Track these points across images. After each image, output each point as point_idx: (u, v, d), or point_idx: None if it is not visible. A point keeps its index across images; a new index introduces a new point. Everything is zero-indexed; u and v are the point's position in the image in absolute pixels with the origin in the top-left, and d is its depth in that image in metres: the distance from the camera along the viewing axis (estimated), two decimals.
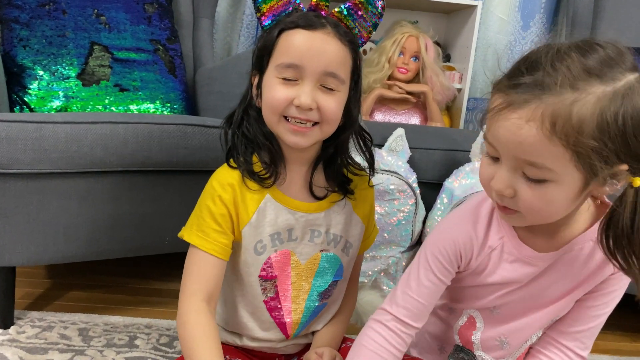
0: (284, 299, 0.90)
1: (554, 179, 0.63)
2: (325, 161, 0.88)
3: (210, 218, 0.82)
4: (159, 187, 1.24)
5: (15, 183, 1.09)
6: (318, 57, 0.77)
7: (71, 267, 1.58)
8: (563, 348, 0.82)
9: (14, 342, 1.14)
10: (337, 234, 0.90)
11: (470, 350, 0.88)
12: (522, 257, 0.77)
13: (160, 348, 1.18)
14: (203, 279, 0.81)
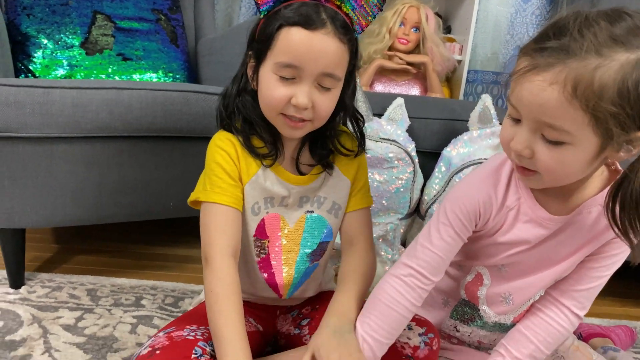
0: (275, 260, 0.94)
1: (571, 141, 0.65)
2: (312, 139, 0.91)
3: (224, 173, 0.85)
4: (163, 153, 1.27)
5: (24, 147, 1.12)
6: (317, 59, 0.78)
7: (78, 232, 1.62)
8: (561, 306, 0.86)
9: (26, 301, 1.19)
10: (323, 196, 0.94)
11: (475, 304, 0.92)
12: (536, 218, 0.80)
13: (165, 308, 1.22)
14: (229, 235, 0.83)
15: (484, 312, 0.91)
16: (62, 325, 1.10)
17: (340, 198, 0.95)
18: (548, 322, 0.86)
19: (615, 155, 0.67)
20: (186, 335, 0.82)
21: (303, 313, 1.02)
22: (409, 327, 0.90)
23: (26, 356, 0.99)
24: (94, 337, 1.07)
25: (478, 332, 0.94)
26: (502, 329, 0.92)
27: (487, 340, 0.95)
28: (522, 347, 0.85)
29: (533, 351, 0.85)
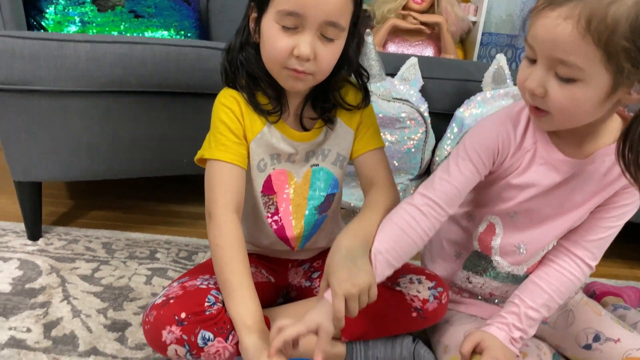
0: (284, 214, 0.95)
1: (583, 78, 0.66)
2: (315, 94, 0.91)
3: (229, 131, 0.86)
4: (177, 110, 1.27)
5: (39, 101, 1.13)
6: (320, 5, 0.77)
7: (93, 189, 1.65)
8: (574, 257, 0.88)
9: (43, 252, 1.22)
10: (327, 149, 0.94)
11: (488, 255, 0.93)
12: (551, 160, 0.82)
13: (179, 261, 1.25)
14: (233, 191, 0.85)
15: (497, 263, 0.93)
16: (80, 275, 1.13)
17: (344, 149, 0.95)
18: (561, 272, 0.87)
19: (627, 97, 0.68)
20: (199, 285, 0.84)
21: (314, 266, 1.04)
22: (418, 280, 0.91)
23: (46, 303, 1.02)
24: (110, 287, 1.10)
25: (490, 283, 0.95)
26: (514, 280, 0.94)
27: (499, 292, 0.96)
28: (537, 297, 0.86)
29: (547, 301, 0.86)
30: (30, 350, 0.89)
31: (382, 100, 1.41)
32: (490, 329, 0.86)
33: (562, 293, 0.87)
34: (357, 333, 0.92)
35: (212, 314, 0.80)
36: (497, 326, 0.86)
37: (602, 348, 0.90)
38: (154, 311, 0.79)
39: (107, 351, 0.91)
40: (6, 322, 0.95)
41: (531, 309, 0.86)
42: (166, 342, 0.77)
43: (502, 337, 0.84)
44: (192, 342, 0.78)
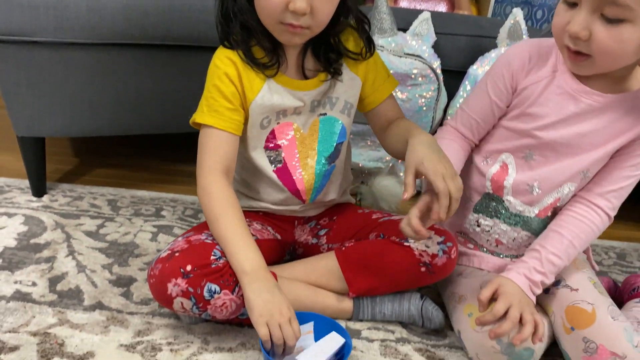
0: (293, 167, 0.93)
1: (632, 18, 0.68)
2: (315, 44, 0.88)
3: (221, 97, 0.84)
4: (181, 64, 1.24)
5: (40, 52, 1.10)
6: None
7: (97, 146, 1.63)
8: (593, 206, 0.87)
9: (48, 209, 1.20)
10: (335, 96, 0.92)
11: (500, 196, 0.92)
12: (568, 89, 0.83)
13: (185, 219, 1.24)
14: (221, 155, 0.84)
15: (509, 203, 0.92)
16: (84, 231, 1.12)
17: (352, 96, 0.93)
18: (580, 220, 0.87)
19: None
20: (205, 239, 0.83)
21: (321, 224, 1.02)
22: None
23: (51, 258, 1.01)
24: (116, 243, 1.09)
25: (499, 225, 0.94)
26: (524, 224, 0.93)
27: (506, 239, 0.95)
28: (557, 243, 0.86)
29: (567, 247, 0.86)
30: (36, 303, 0.88)
31: (393, 55, 1.36)
32: (509, 274, 0.84)
33: (581, 240, 0.86)
34: (364, 288, 0.91)
35: (218, 267, 0.78)
36: (517, 271, 0.84)
37: (556, 292, 0.87)
38: (160, 264, 0.78)
39: (113, 306, 0.90)
40: (11, 276, 0.95)
41: (552, 254, 0.85)
42: (172, 295, 0.76)
43: (522, 283, 0.83)
44: (198, 294, 0.76)
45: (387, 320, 0.94)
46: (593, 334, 0.78)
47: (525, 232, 0.93)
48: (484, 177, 0.94)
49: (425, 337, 0.92)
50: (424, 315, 0.92)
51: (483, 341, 0.81)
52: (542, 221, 0.92)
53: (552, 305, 0.87)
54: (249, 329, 0.88)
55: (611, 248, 1.35)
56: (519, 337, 0.77)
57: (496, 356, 0.81)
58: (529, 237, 0.94)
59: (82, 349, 0.79)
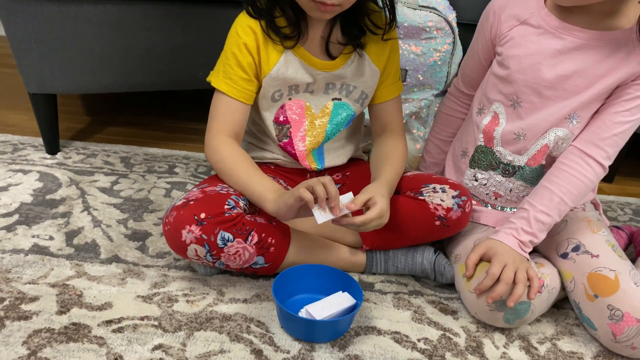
0: (298, 145, 0.94)
1: None
2: (343, 18, 0.86)
3: (237, 66, 0.85)
4: (190, 19, 1.21)
5: (47, 7, 1.08)
6: None
7: (109, 105, 1.62)
8: (585, 157, 0.85)
9: (62, 165, 1.21)
10: (353, 85, 0.92)
11: (491, 147, 0.93)
12: (548, 28, 0.84)
13: (198, 175, 1.24)
14: (230, 121, 0.86)
15: (499, 153, 0.93)
16: (99, 187, 1.13)
17: (369, 87, 0.93)
18: (571, 174, 0.85)
19: None
20: (219, 190, 0.83)
21: (334, 179, 1.02)
22: (442, 189, 0.89)
23: (66, 213, 1.03)
24: (130, 199, 1.10)
25: (494, 177, 0.95)
26: (516, 174, 0.93)
27: (503, 190, 0.95)
28: (546, 200, 0.85)
29: (557, 203, 0.85)
30: (54, 256, 0.90)
31: (407, 8, 1.33)
32: (498, 235, 0.85)
33: (573, 195, 0.85)
34: (378, 242, 0.91)
35: (232, 216, 0.79)
36: (505, 232, 0.85)
37: (576, 258, 0.86)
38: (174, 212, 0.79)
39: (129, 259, 0.91)
40: (29, 230, 0.96)
41: (541, 213, 0.84)
42: (186, 242, 0.77)
43: (511, 242, 0.83)
44: (212, 242, 0.77)
45: (400, 274, 0.94)
46: (618, 301, 0.78)
47: (519, 182, 0.93)
48: (478, 129, 0.94)
49: (438, 290, 0.92)
50: (436, 270, 0.92)
51: (478, 301, 0.82)
52: (534, 170, 0.92)
53: (573, 271, 0.86)
54: (264, 280, 0.89)
55: (627, 204, 1.34)
56: (512, 298, 0.78)
57: (492, 313, 0.82)
58: (525, 186, 0.94)
59: (100, 300, 0.80)
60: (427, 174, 0.96)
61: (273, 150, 0.97)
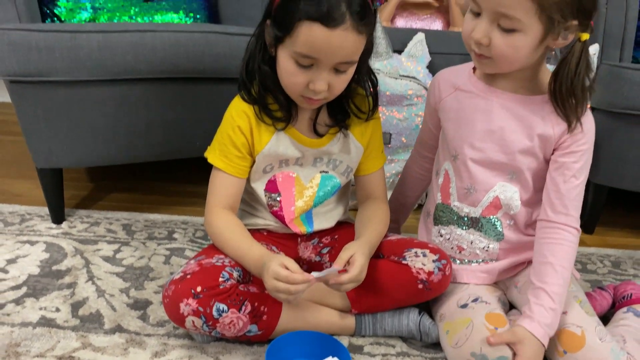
0: (287, 213, 1.02)
1: (522, 29, 0.81)
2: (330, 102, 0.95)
3: (232, 146, 0.94)
4: (188, 94, 1.31)
5: (56, 91, 1.18)
6: (335, 53, 0.83)
7: (111, 172, 1.70)
8: (560, 226, 0.92)
9: (67, 235, 1.28)
10: (339, 160, 1.01)
11: (448, 204, 1.03)
12: (477, 92, 0.96)
13: (196, 240, 1.30)
14: (226, 195, 0.96)
15: (457, 208, 1.01)
16: (102, 256, 1.20)
17: (354, 162, 1.03)
18: (559, 243, 0.91)
19: (555, 42, 0.84)
20: (215, 262, 0.90)
21: (323, 242, 1.09)
22: (423, 254, 0.96)
23: (72, 284, 1.09)
24: (132, 267, 1.16)
25: (455, 231, 1.02)
26: (474, 226, 1.01)
27: (465, 243, 1.02)
28: (552, 273, 0.89)
29: (561, 272, 0.89)
30: (60, 328, 0.95)
31: (389, 78, 1.43)
32: (531, 324, 0.86)
33: (568, 261, 0.91)
34: (366, 305, 0.97)
35: (226, 288, 0.86)
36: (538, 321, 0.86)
37: None
38: (173, 286, 0.85)
39: (131, 328, 0.97)
40: (37, 303, 1.02)
41: (554, 285, 0.88)
42: (184, 314, 0.84)
43: (541, 336, 0.85)
44: (208, 313, 0.84)
45: (388, 335, 1.00)
46: (584, 356, 0.84)
47: (478, 233, 1.00)
48: (437, 190, 1.04)
49: (424, 350, 0.97)
50: (421, 330, 0.97)
51: (461, 356, 0.87)
52: (489, 220, 0.99)
53: None
54: (258, 346, 0.94)
55: (606, 256, 1.40)
56: None
57: None
58: (483, 238, 1.00)
59: None
60: (409, 239, 1.03)
61: (265, 216, 1.04)
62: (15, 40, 1.11)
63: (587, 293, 1.08)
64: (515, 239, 1.00)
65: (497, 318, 0.90)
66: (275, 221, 1.03)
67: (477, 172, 0.97)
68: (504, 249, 1.01)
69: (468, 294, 0.98)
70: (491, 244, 1.00)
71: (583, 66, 0.84)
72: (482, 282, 1.02)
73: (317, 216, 1.06)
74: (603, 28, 1.43)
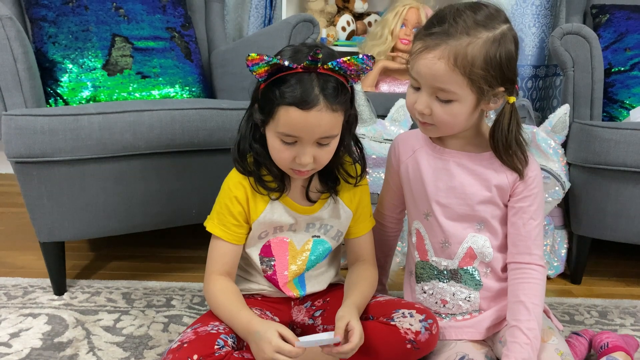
0: (280, 277, 1.08)
1: (457, 99, 0.91)
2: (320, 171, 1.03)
3: (230, 215, 1.01)
4: (184, 166, 1.38)
5: (59, 169, 1.25)
6: (313, 131, 0.92)
7: (111, 241, 1.76)
8: (526, 265, 1.01)
9: (69, 306, 1.32)
10: (330, 225, 1.08)
11: (427, 260, 1.08)
12: (433, 153, 1.04)
13: (194, 307, 1.34)
14: (224, 262, 1.02)
15: (435, 262, 1.07)
16: (103, 326, 1.23)
17: (343, 226, 1.09)
18: (526, 282, 1.00)
19: (487, 105, 0.94)
20: (210, 330, 0.94)
21: (316, 305, 1.13)
22: (410, 314, 1.00)
23: (73, 356, 1.12)
24: (131, 337, 1.20)
25: (437, 285, 1.07)
26: (454, 278, 1.06)
27: (448, 296, 1.07)
28: (524, 311, 0.97)
29: (532, 309, 0.97)
30: None
31: (374, 142, 1.51)
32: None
33: (537, 297, 0.99)
34: None
35: (221, 355, 0.89)
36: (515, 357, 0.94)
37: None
38: (170, 355, 0.89)
39: None
40: None
41: (527, 321, 0.96)
42: None
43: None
44: None
45: None
46: None
47: (459, 285, 1.06)
48: (413, 249, 1.10)
49: None
50: None
51: None
52: (467, 271, 1.05)
53: None
54: None
55: (593, 307, 1.43)
56: None
57: None
58: (464, 288, 1.05)
59: None
60: (396, 299, 1.08)
61: (259, 281, 1.09)
62: (21, 125, 1.20)
63: (566, 339, 1.11)
64: (495, 286, 1.05)
65: None
66: (270, 285, 1.08)
67: (448, 226, 1.03)
68: (484, 298, 1.06)
69: (455, 352, 1.01)
70: (472, 293, 1.05)
71: (514, 124, 0.95)
72: (470, 337, 1.06)
73: (310, 279, 1.11)
74: (572, 89, 1.52)
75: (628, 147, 1.37)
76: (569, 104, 1.51)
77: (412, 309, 1.01)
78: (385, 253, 1.23)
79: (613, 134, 1.39)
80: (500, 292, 1.05)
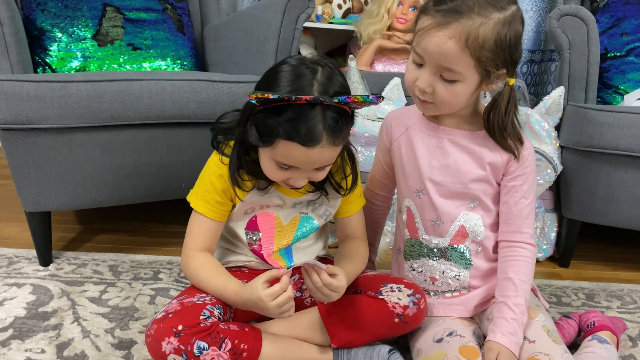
0: (267, 250, 1.06)
1: (462, 79, 0.90)
2: None
3: (214, 192, 0.99)
4: (173, 138, 1.36)
5: (46, 137, 1.22)
6: (314, 164, 0.90)
7: (99, 214, 1.74)
8: (516, 244, 1.01)
9: (55, 277, 1.30)
10: (319, 203, 1.07)
11: (417, 238, 1.08)
12: (427, 131, 1.03)
13: (181, 280, 1.33)
14: (204, 238, 1.01)
15: (425, 240, 1.06)
16: (88, 297, 1.22)
17: (332, 207, 1.08)
18: (516, 259, 1.00)
19: (489, 86, 0.94)
20: (196, 301, 0.93)
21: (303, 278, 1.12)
22: (398, 289, 1.00)
23: (58, 325, 1.11)
24: (117, 308, 1.19)
25: (427, 263, 1.07)
26: (444, 256, 1.06)
27: (437, 274, 1.07)
28: (512, 287, 0.98)
29: (520, 285, 0.98)
30: None
31: (367, 120, 1.49)
32: (497, 337, 0.94)
33: (526, 275, 1.00)
34: (345, 340, 1.00)
35: (207, 326, 0.89)
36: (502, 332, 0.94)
37: None
38: (155, 325, 0.88)
39: None
40: (22, 345, 1.04)
41: (514, 297, 0.97)
42: (165, 352, 0.86)
43: (511, 345, 0.93)
44: (189, 351, 0.86)
45: None
46: None
47: (448, 263, 1.05)
48: (404, 226, 1.10)
49: None
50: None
51: None
52: (457, 249, 1.04)
53: None
54: None
55: (580, 289, 1.44)
56: None
57: None
58: (453, 266, 1.05)
59: None
60: (385, 274, 1.07)
61: (245, 253, 1.08)
62: (8, 90, 1.17)
63: (555, 322, 1.12)
64: (485, 266, 1.05)
65: (470, 351, 0.94)
66: (256, 258, 1.07)
67: (441, 204, 1.03)
68: (474, 277, 1.05)
69: (443, 328, 1.01)
70: (461, 272, 1.05)
71: (512, 106, 0.95)
72: (458, 314, 1.06)
73: (297, 251, 1.09)
74: (568, 72, 1.51)
75: (621, 130, 1.37)
76: (564, 86, 1.50)
77: (401, 283, 1.01)
78: (374, 230, 1.22)
79: (607, 117, 1.39)
80: (490, 272, 1.05)
